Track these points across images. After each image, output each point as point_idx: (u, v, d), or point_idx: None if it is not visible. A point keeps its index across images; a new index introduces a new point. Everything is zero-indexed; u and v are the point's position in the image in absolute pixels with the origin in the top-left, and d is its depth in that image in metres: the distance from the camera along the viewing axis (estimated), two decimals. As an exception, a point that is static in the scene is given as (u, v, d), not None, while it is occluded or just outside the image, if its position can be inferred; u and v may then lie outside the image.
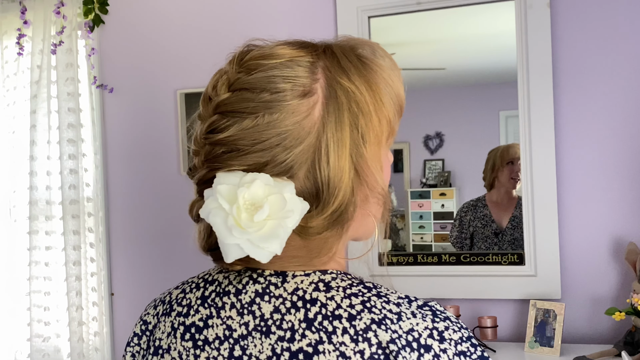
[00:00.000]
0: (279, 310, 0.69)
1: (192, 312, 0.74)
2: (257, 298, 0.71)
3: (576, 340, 2.11)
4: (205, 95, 0.76)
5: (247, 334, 0.70)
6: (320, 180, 0.69)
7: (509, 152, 2.20)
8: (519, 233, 2.18)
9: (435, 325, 0.66)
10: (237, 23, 2.48)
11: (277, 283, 0.71)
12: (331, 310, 0.67)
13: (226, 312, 0.72)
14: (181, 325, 0.74)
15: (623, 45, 2.07)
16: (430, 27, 2.30)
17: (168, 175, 2.58)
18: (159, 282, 2.60)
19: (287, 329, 0.68)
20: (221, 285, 0.74)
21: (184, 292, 0.78)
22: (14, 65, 2.69)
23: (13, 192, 2.70)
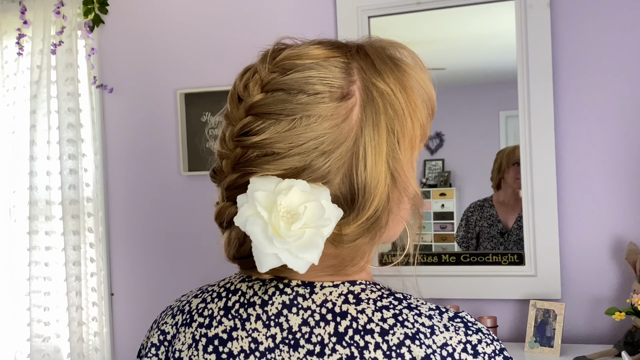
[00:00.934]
0: (308, 323, 0.67)
1: (215, 323, 0.71)
2: (285, 310, 0.68)
3: (576, 340, 2.11)
4: (234, 94, 0.71)
5: (274, 347, 0.67)
6: (357, 185, 0.67)
7: (515, 153, 2.20)
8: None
9: (468, 339, 0.65)
10: (237, 23, 2.48)
11: (304, 294, 0.68)
12: (362, 325, 0.66)
13: (252, 324, 0.69)
14: (203, 337, 0.71)
15: (623, 45, 2.07)
16: (430, 27, 2.30)
17: (168, 175, 2.58)
18: (159, 282, 2.60)
19: (317, 342, 0.66)
20: (245, 295, 0.71)
21: (204, 302, 0.73)
22: (14, 65, 2.69)
23: (13, 192, 2.70)
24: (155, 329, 0.77)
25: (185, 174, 2.53)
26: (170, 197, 2.57)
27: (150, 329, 0.79)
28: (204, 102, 2.50)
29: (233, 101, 0.71)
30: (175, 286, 2.57)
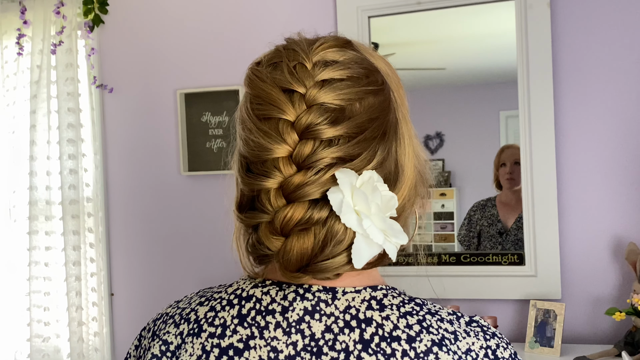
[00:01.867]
0: (331, 329, 0.65)
1: (229, 332, 0.67)
2: (307, 316, 0.66)
3: (576, 340, 2.11)
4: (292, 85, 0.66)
5: (295, 355, 0.65)
6: (391, 175, 0.68)
7: (501, 154, 2.22)
8: (523, 234, 2.19)
9: (488, 344, 0.66)
10: (236, 23, 2.48)
11: (327, 300, 0.67)
12: (388, 332, 0.65)
13: (270, 332, 0.66)
14: (215, 348, 0.67)
15: (623, 45, 2.07)
16: (430, 27, 2.30)
17: (168, 175, 2.58)
18: (159, 282, 2.60)
19: (341, 349, 0.64)
20: (261, 302, 0.68)
21: (214, 311, 0.70)
22: (14, 65, 2.69)
23: (13, 192, 2.70)
24: (155, 339, 0.72)
25: (185, 174, 2.53)
26: (170, 197, 2.57)
27: (141, 338, 0.75)
28: (204, 102, 2.50)
29: (293, 95, 0.66)
30: (175, 286, 2.57)
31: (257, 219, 0.66)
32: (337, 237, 0.64)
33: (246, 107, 0.68)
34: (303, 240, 0.64)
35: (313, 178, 0.64)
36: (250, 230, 0.68)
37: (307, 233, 0.64)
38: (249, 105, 0.68)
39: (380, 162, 0.67)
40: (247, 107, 0.68)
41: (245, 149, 0.68)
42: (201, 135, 2.51)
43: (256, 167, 0.66)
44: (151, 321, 0.76)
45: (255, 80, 0.68)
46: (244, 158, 0.69)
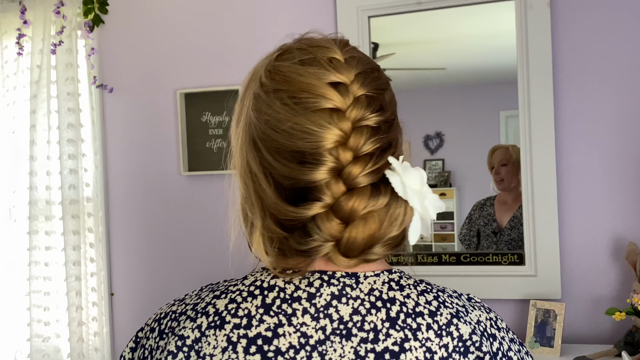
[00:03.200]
0: (359, 311, 0.69)
1: (255, 322, 0.68)
2: (334, 300, 0.69)
3: (576, 340, 2.11)
4: (342, 80, 0.69)
5: (325, 339, 0.67)
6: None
7: (490, 157, 2.24)
8: (517, 233, 2.19)
9: (489, 316, 0.74)
10: (236, 23, 2.48)
11: (352, 284, 0.70)
12: (411, 308, 0.70)
13: (298, 318, 0.68)
14: (242, 338, 0.68)
15: (623, 45, 2.07)
16: (430, 27, 2.30)
17: (168, 175, 2.58)
18: (159, 282, 2.60)
19: (370, 329, 0.68)
20: (285, 291, 0.70)
21: (235, 302, 0.70)
22: (14, 65, 2.69)
23: (13, 192, 2.70)
24: (169, 336, 0.71)
25: (185, 174, 2.53)
26: (170, 197, 2.57)
27: (140, 339, 0.75)
28: (204, 102, 2.50)
29: (343, 87, 0.69)
30: (175, 286, 2.57)
31: (313, 210, 0.66)
32: (397, 220, 0.68)
33: (284, 103, 0.68)
34: (369, 225, 0.67)
35: (370, 165, 0.67)
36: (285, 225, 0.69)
37: (372, 218, 0.67)
38: (288, 100, 0.68)
39: (401, 146, 0.74)
40: (285, 102, 0.68)
41: (288, 143, 0.68)
42: (201, 135, 2.51)
43: (305, 158, 0.67)
44: (152, 321, 0.75)
45: (293, 75, 0.69)
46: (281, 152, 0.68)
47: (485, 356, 0.70)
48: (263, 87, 0.71)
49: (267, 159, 0.69)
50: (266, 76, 0.71)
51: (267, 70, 0.72)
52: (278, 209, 0.68)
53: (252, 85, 0.74)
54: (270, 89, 0.70)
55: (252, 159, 0.71)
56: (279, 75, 0.70)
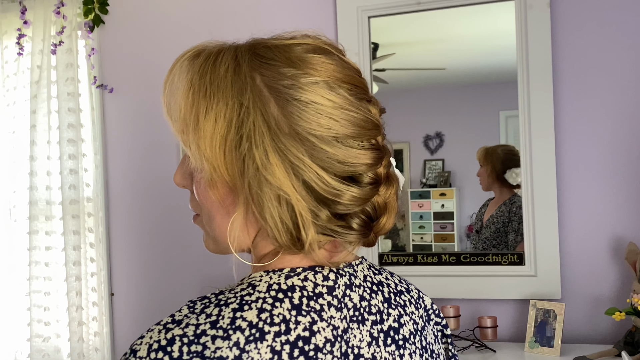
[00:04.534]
0: (364, 297, 0.74)
1: (292, 325, 0.66)
2: (347, 290, 0.72)
3: (576, 340, 2.11)
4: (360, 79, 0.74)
5: (347, 327, 0.70)
6: None
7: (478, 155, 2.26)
8: (489, 232, 2.24)
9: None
10: (236, 23, 2.48)
11: (353, 273, 0.74)
12: (394, 288, 0.78)
13: (327, 312, 0.69)
14: (286, 345, 0.65)
15: (623, 45, 2.07)
16: (430, 27, 2.30)
17: (168, 175, 2.58)
18: (159, 282, 2.60)
19: (376, 312, 0.74)
20: (306, 289, 0.69)
21: (265, 311, 0.67)
22: (14, 65, 2.69)
23: (13, 192, 2.70)
24: (208, 359, 0.63)
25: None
26: (170, 197, 2.57)
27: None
28: (204, 102, 2.50)
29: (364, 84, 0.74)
30: (174, 286, 2.57)
31: (373, 191, 0.71)
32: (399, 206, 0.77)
33: (338, 93, 0.70)
34: (394, 210, 0.75)
35: (389, 155, 0.75)
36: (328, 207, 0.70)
37: (394, 203, 0.75)
38: (342, 91, 0.70)
39: None
40: (338, 92, 0.70)
41: (350, 131, 0.69)
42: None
43: (356, 143, 0.70)
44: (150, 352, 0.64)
45: (343, 66, 0.72)
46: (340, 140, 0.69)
47: (442, 321, 0.84)
48: (301, 78, 0.69)
49: (320, 147, 0.68)
50: (305, 66, 0.70)
51: (297, 59, 0.70)
52: (344, 194, 0.69)
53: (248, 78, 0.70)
54: (315, 80, 0.69)
55: (295, 151, 0.68)
56: (318, 65, 0.70)
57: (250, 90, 0.69)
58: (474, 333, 2.14)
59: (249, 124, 0.68)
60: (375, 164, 0.71)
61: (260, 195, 0.68)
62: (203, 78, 0.71)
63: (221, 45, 0.74)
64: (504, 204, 2.22)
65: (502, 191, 2.23)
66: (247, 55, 0.71)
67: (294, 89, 0.68)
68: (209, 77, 0.70)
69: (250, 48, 0.72)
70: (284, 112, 0.68)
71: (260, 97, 0.69)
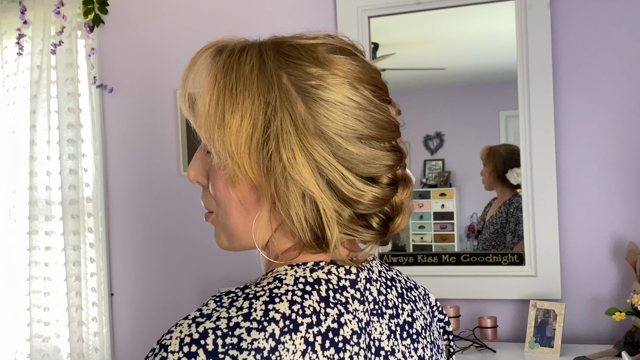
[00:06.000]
0: (381, 291, 0.75)
1: (322, 317, 0.68)
2: (367, 284, 0.74)
3: (576, 340, 2.11)
4: (381, 80, 0.74)
5: (369, 320, 0.72)
6: None
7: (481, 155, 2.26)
8: (488, 233, 2.23)
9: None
10: (236, 23, 2.48)
11: (371, 268, 0.76)
12: (404, 284, 0.80)
13: (351, 305, 0.71)
14: (318, 336, 0.67)
15: (623, 45, 2.07)
16: (430, 27, 2.30)
17: (168, 175, 2.58)
18: (159, 282, 2.60)
19: (392, 306, 0.76)
20: (331, 282, 0.71)
21: (296, 303, 0.67)
22: (14, 65, 2.69)
23: (13, 192, 2.70)
24: (238, 352, 0.63)
25: (185, 174, 2.53)
26: (170, 197, 2.57)
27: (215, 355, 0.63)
28: (204, 102, 2.50)
29: (384, 85, 0.75)
30: (174, 286, 2.57)
31: (393, 192, 0.73)
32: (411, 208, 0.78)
33: (365, 95, 0.71)
34: (408, 210, 0.76)
35: (405, 156, 0.75)
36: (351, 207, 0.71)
37: (408, 204, 0.77)
38: (367, 92, 0.71)
39: None
40: (365, 94, 0.71)
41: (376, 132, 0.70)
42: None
43: (378, 144, 0.71)
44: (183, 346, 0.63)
45: (367, 68, 0.72)
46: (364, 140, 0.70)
47: (444, 318, 0.86)
48: (328, 78, 0.69)
49: (345, 148, 0.69)
50: (331, 67, 0.70)
51: (324, 60, 0.70)
52: (367, 195, 0.70)
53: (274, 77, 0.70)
54: (341, 81, 0.70)
55: (321, 149, 0.68)
56: (342, 65, 0.70)
57: (277, 89, 0.69)
58: (474, 333, 2.14)
59: (277, 122, 0.68)
60: (396, 165, 0.72)
61: (286, 194, 0.68)
62: (228, 75, 0.71)
63: (244, 42, 0.74)
64: (504, 204, 2.22)
65: (504, 191, 2.23)
66: (272, 54, 0.71)
67: (321, 89, 0.69)
68: (234, 74, 0.71)
69: (274, 46, 0.72)
70: (311, 112, 0.68)
71: (287, 96, 0.69)
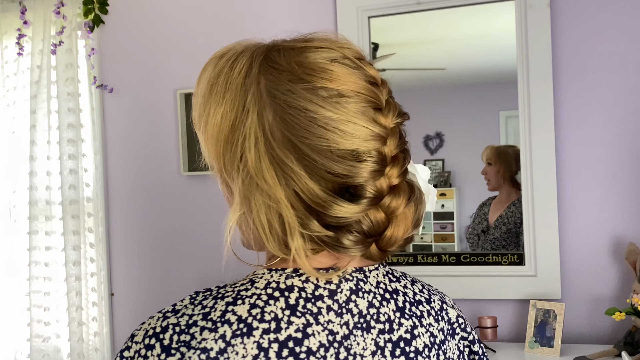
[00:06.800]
0: (373, 304, 0.71)
1: (284, 325, 0.66)
2: (353, 295, 0.70)
3: (576, 340, 2.11)
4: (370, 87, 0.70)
5: (349, 334, 0.68)
6: None
7: (482, 156, 2.25)
8: (499, 233, 2.21)
9: (452, 302, 0.81)
10: (236, 23, 2.48)
11: (362, 279, 0.72)
12: (412, 297, 0.74)
13: (324, 316, 0.68)
14: (274, 343, 0.65)
15: (623, 45, 2.07)
16: (430, 27, 2.30)
17: (168, 175, 2.58)
18: (159, 282, 2.60)
19: (385, 320, 0.71)
20: (305, 290, 0.68)
21: (257, 307, 0.67)
22: (14, 65, 2.69)
23: (13, 192, 2.70)
24: (187, 350, 0.65)
25: (185, 174, 2.53)
26: (170, 197, 2.57)
27: (143, 357, 0.66)
28: (204, 102, 2.50)
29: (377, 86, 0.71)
30: (175, 286, 2.57)
31: (363, 206, 0.66)
32: (421, 217, 0.72)
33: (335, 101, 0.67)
34: (406, 222, 0.70)
35: (402, 165, 0.70)
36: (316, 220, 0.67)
37: (408, 214, 0.70)
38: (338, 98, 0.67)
39: None
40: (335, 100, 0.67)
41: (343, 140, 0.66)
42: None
43: (360, 155, 0.66)
44: (144, 338, 0.67)
45: (340, 74, 0.68)
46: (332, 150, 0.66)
47: (469, 336, 0.78)
48: (298, 83, 0.67)
49: (311, 157, 0.66)
50: (304, 72, 0.68)
51: (303, 66, 0.68)
52: (331, 206, 0.66)
53: (254, 80, 0.69)
54: (314, 86, 0.67)
55: (285, 158, 0.67)
56: (322, 72, 0.67)
57: (252, 94, 0.69)
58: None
59: (247, 126, 0.68)
60: (373, 177, 0.67)
61: (250, 200, 0.68)
62: (218, 78, 0.72)
63: (245, 46, 0.73)
64: (513, 204, 2.21)
65: (510, 191, 2.23)
66: (260, 57, 0.70)
67: (288, 95, 0.67)
68: (223, 77, 0.72)
69: (266, 50, 0.71)
70: (279, 117, 0.67)
71: (260, 101, 0.68)
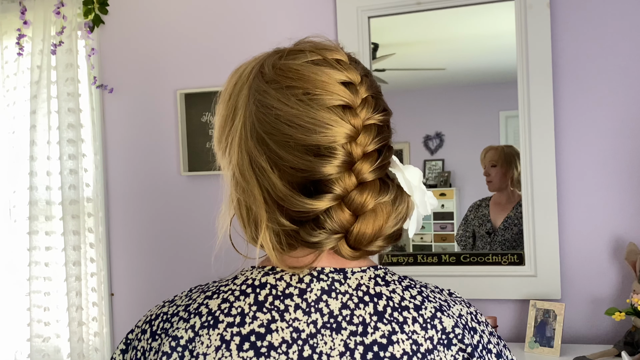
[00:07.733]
0: (348, 305, 0.71)
1: (248, 319, 0.70)
2: (324, 295, 0.72)
3: (576, 340, 2.11)
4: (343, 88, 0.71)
5: (316, 332, 0.70)
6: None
7: (483, 157, 2.24)
8: (510, 234, 2.20)
9: (470, 310, 0.77)
10: (236, 23, 2.48)
11: (340, 280, 0.73)
12: (397, 302, 0.73)
13: (291, 314, 0.70)
14: (236, 336, 0.70)
15: (623, 45, 2.07)
16: (430, 27, 2.30)
17: (168, 175, 2.58)
18: (159, 282, 2.60)
19: (359, 323, 0.71)
20: (277, 288, 0.72)
21: (228, 302, 0.72)
22: (14, 65, 2.69)
23: (13, 193, 2.70)
24: (161, 337, 0.73)
25: (185, 174, 2.53)
26: (170, 197, 2.57)
27: (131, 341, 0.76)
28: (204, 102, 2.50)
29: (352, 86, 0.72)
30: (175, 286, 2.57)
31: (326, 201, 0.68)
32: (401, 214, 0.72)
33: (299, 99, 0.70)
34: (378, 219, 0.70)
35: (378, 161, 0.71)
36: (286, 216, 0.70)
37: (380, 212, 0.70)
38: (303, 97, 0.70)
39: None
40: (300, 98, 0.70)
41: (304, 136, 0.69)
42: (201, 135, 2.51)
43: (321, 151, 0.68)
44: (142, 323, 0.76)
45: (307, 73, 0.71)
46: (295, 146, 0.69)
47: (467, 348, 0.73)
48: (271, 84, 0.72)
49: (277, 153, 0.70)
50: (276, 73, 0.72)
51: (277, 68, 0.73)
52: (291, 201, 0.69)
53: (248, 84, 0.75)
54: (283, 86, 0.71)
55: (257, 154, 0.71)
56: (292, 72, 0.71)
57: (243, 95, 0.75)
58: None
59: (234, 124, 0.74)
60: (337, 173, 0.68)
61: (232, 193, 0.74)
62: (233, 85, 0.79)
63: (258, 56, 0.80)
64: (519, 204, 2.20)
65: (514, 193, 2.23)
66: (259, 65, 0.77)
67: (263, 95, 0.72)
68: (234, 84, 0.80)
69: (267, 57, 0.77)
70: (254, 117, 0.72)
71: (244, 101, 0.74)
